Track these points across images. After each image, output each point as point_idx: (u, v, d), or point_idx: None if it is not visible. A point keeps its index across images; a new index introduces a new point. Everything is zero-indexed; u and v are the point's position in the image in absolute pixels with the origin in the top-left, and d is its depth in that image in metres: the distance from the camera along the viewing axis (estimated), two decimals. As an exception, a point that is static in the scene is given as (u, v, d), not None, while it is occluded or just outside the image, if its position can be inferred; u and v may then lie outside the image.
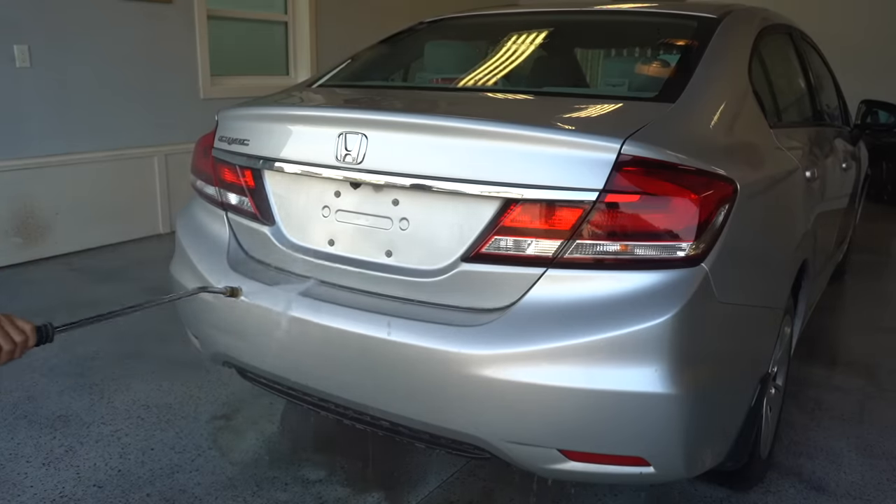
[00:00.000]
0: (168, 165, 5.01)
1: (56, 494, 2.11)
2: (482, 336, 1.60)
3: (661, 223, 1.54)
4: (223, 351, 2.06)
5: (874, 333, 3.64)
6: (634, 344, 1.52)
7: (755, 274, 1.88)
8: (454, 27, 2.90)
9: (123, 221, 4.82)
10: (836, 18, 7.36)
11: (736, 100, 2.05)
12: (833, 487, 2.24)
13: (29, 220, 4.31)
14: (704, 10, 2.36)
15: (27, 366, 2.92)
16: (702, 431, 1.66)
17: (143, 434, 2.44)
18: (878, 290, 4.49)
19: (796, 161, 2.27)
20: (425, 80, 2.60)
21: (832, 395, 2.89)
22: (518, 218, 1.61)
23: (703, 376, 1.60)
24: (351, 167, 1.77)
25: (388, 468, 2.28)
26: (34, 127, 4.29)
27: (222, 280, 1.97)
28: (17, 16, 4.11)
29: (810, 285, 2.56)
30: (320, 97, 2.39)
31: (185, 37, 5.05)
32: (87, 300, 3.70)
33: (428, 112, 1.92)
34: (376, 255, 1.81)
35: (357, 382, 1.78)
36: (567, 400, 1.56)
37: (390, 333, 1.67)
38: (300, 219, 1.95)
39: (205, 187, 2.20)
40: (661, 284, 1.54)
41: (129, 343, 3.18)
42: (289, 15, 6.05)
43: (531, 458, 1.66)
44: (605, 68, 2.66)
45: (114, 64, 4.63)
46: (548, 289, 1.59)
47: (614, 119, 1.82)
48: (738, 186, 1.66)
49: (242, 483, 2.18)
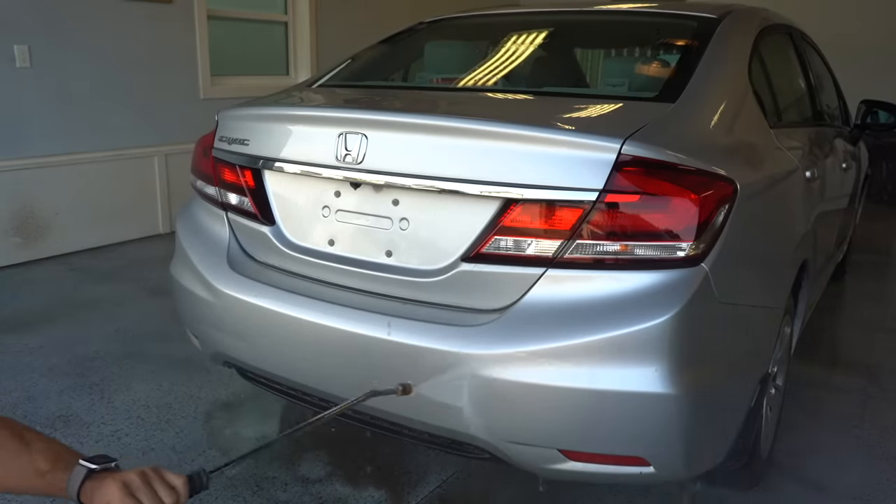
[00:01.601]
0: (168, 165, 5.00)
1: (56, 494, 2.11)
2: (482, 336, 1.60)
3: (661, 223, 1.54)
4: (223, 351, 2.06)
5: (874, 333, 3.64)
6: (634, 344, 1.52)
7: (755, 274, 1.88)
8: (454, 27, 2.90)
9: (123, 221, 4.81)
10: (836, 18, 7.36)
11: (736, 100, 2.05)
12: (833, 487, 2.24)
13: (29, 220, 4.31)
14: (704, 10, 2.36)
15: (27, 366, 2.92)
16: (702, 431, 1.66)
17: (143, 434, 2.44)
18: (878, 290, 4.49)
19: (796, 161, 2.27)
20: (425, 80, 2.60)
21: (832, 395, 2.89)
22: (518, 218, 1.61)
23: (703, 376, 1.60)
24: (351, 167, 1.77)
25: (388, 468, 2.28)
26: (34, 127, 4.29)
27: (222, 280, 1.97)
28: (17, 16, 4.11)
29: (810, 285, 2.56)
30: (320, 97, 2.39)
31: (185, 37, 5.05)
32: (87, 300, 3.70)
33: (428, 112, 1.92)
34: (376, 255, 1.81)
35: (357, 382, 1.77)
36: (567, 400, 1.56)
37: (390, 333, 1.67)
38: (300, 219, 1.95)
39: (205, 187, 2.20)
40: (661, 284, 1.54)
41: (129, 343, 3.18)
42: (289, 15, 6.04)
43: (531, 458, 1.66)
44: (605, 68, 2.66)
45: (114, 64, 4.63)
46: (548, 289, 1.59)
47: (614, 119, 1.82)
48: (738, 186, 1.66)
49: (242, 483, 2.18)
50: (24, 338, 3.20)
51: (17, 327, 3.33)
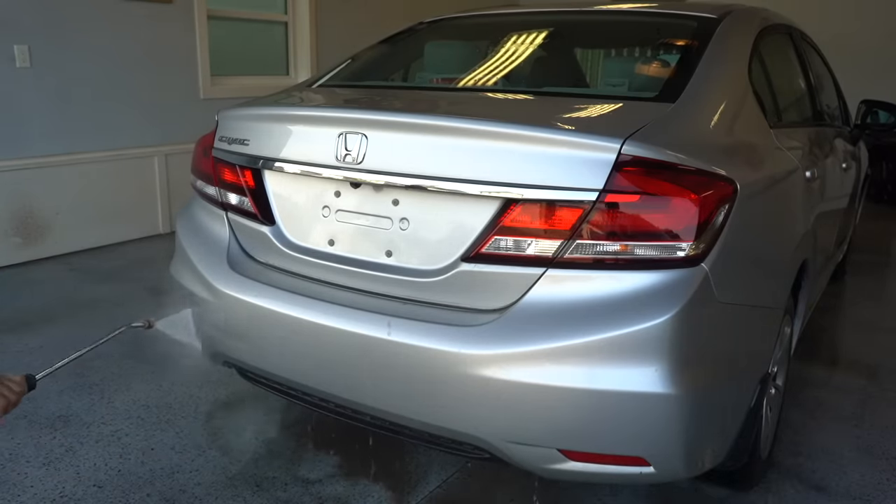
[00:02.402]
0: (168, 165, 5.01)
1: (56, 494, 2.11)
2: (482, 336, 1.60)
3: (661, 223, 1.54)
4: (223, 351, 2.06)
5: (874, 333, 3.64)
6: (634, 344, 1.52)
7: (755, 274, 1.88)
8: (454, 27, 2.90)
9: (123, 221, 4.82)
10: (836, 18, 7.36)
11: (736, 100, 2.05)
12: (833, 487, 2.24)
13: (29, 220, 4.31)
14: (704, 10, 2.36)
15: (27, 366, 2.92)
16: (702, 431, 1.66)
17: (143, 434, 2.44)
18: (878, 290, 4.49)
19: (796, 161, 2.27)
20: (425, 80, 2.60)
21: (832, 395, 2.89)
22: (518, 218, 1.61)
23: (702, 376, 1.60)
24: (351, 167, 1.77)
25: (388, 468, 2.28)
26: (34, 127, 4.29)
27: (222, 280, 1.97)
28: (17, 16, 4.11)
29: (810, 285, 2.56)
30: (320, 97, 2.39)
31: (185, 37, 5.05)
32: (88, 300, 3.70)
33: (428, 112, 1.92)
34: (376, 255, 1.81)
35: (357, 382, 1.77)
36: (567, 400, 1.56)
37: (390, 333, 1.67)
38: (300, 219, 1.95)
39: (205, 187, 2.20)
40: (661, 284, 1.54)
41: (129, 343, 3.17)
42: (289, 15, 6.05)
43: (531, 458, 1.66)
44: (605, 68, 2.66)
45: (114, 64, 4.63)
46: (548, 289, 1.59)
47: (614, 119, 1.82)
48: (737, 186, 1.66)
49: (242, 483, 2.18)
50: (24, 338, 3.21)
51: (17, 327, 3.33)
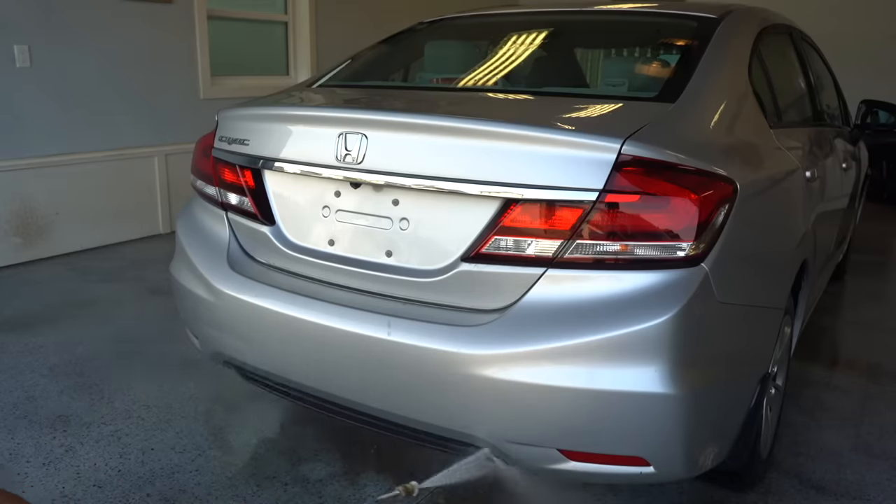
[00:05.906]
0: (168, 165, 5.01)
1: (56, 494, 2.11)
2: (482, 336, 1.60)
3: (661, 223, 1.54)
4: (223, 351, 2.06)
5: (874, 333, 3.64)
6: (634, 344, 1.52)
7: (755, 274, 1.88)
8: (454, 27, 2.90)
9: (123, 221, 4.82)
10: (835, 18, 7.36)
11: (736, 100, 2.05)
12: (833, 487, 2.24)
13: (29, 220, 4.31)
14: (704, 10, 2.36)
15: (27, 366, 2.92)
16: (702, 431, 1.66)
17: (143, 434, 2.44)
18: (878, 290, 4.49)
19: (796, 161, 2.27)
20: (425, 80, 2.60)
21: (832, 395, 2.89)
22: (518, 218, 1.62)
23: (702, 376, 1.60)
24: (351, 167, 1.77)
25: (388, 468, 2.28)
26: (34, 127, 4.29)
27: (222, 280, 1.98)
28: (17, 16, 4.11)
29: (810, 285, 2.56)
30: (320, 97, 2.39)
31: (185, 37, 5.05)
32: (88, 300, 3.70)
33: (428, 112, 1.92)
34: (376, 255, 1.81)
35: (357, 382, 1.78)
36: (567, 400, 1.56)
37: (390, 333, 1.67)
38: (300, 219, 1.96)
39: (205, 187, 2.20)
40: (661, 284, 1.54)
41: (129, 343, 3.18)
42: (289, 15, 6.05)
43: (531, 458, 1.66)
44: (605, 68, 2.65)
45: (114, 64, 4.63)
46: (548, 289, 1.59)
47: (614, 119, 1.82)
48: (737, 186, 1.66)
49: (242, 483, 2.18)
50: (24, 338, 3.21)
51: (17, 327, 3.33)
